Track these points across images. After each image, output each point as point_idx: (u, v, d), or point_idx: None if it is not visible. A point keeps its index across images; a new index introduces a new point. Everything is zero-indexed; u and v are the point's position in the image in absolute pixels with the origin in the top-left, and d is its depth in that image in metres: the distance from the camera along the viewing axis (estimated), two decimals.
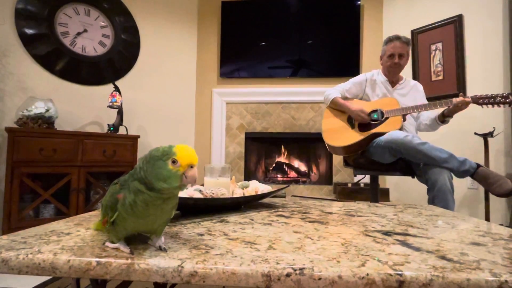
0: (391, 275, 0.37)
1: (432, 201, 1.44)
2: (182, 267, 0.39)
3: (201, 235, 0.55)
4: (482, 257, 0.44)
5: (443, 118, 1.66)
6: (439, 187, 1.41)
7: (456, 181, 1.45)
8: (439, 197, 1.41)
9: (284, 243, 0.50)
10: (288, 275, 0.38)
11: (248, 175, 3.04)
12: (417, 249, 0.48)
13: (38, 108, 1.93)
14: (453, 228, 0.65)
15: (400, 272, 0.38)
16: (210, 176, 0.83)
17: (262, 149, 3.23)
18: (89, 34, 2.38)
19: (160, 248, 0.45)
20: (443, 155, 1.44)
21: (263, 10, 2.98)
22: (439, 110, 1.67)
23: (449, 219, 0.76)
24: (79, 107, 2.34)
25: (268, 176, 3.20)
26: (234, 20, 3.00)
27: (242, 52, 2.99)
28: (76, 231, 0.56)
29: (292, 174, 3.18)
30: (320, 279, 0.38)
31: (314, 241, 0.52)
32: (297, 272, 0.38)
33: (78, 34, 2.33)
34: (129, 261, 0.41)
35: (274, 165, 3.23)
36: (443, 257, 0.44)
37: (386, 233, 0.59)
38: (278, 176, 3.18)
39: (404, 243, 0.52)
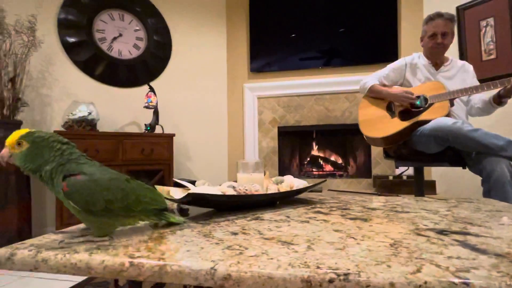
0: (455, 283, 0.32)
1: (488, 193, 1.30)
2: (215, 269, 0.37)
3: (235, 234, 0.52)
4: None
5: (500, 100, 1.48)
6: (496, 178, 1.26)
7: None
8: (496, 189, 1.26)
9: (324, 243, 0.46)
10: (331, 281, 0.34)
11: (283, 170, 3.00)
12: (483, 252, 0.41)
13: (82, 111, 2.04)
14: None
15: (466, 281, 0.32)
16: (243, 172, 0.81)
17: (296, 143, 3.16)
18: (124, 38, 2.48)
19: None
20: (499, 142, 1.29)
21: (292, 0, 2.89)
22: (493, 92, 1.49)
23: None
24: (118, 109, 2.45)
25: (303, 170, 3.13)
26: (263, 13, 2.95)
27: (272, 45, 2.93)
28: None
29: (328, 167, 3.08)
30: (368, 286, 0.33)
31: (358, 241, 0.47)
32: (341, 278, 0.34)
33: (114, 39, 2.43)
34: (161, 262, 0.39)
35: (308, 159, 3.15)
36: None
37: (441, 232, 0.52)
38: (313, 170, 3.10)
39: (465, 244, 0.45)
